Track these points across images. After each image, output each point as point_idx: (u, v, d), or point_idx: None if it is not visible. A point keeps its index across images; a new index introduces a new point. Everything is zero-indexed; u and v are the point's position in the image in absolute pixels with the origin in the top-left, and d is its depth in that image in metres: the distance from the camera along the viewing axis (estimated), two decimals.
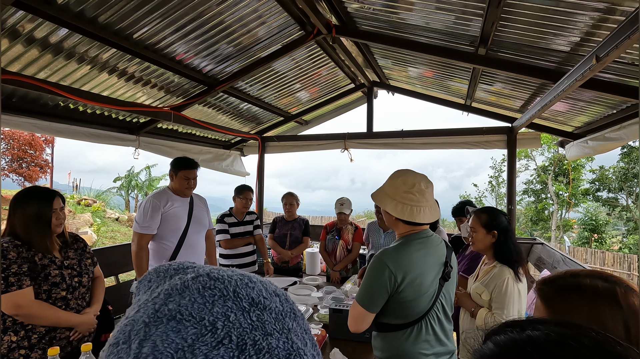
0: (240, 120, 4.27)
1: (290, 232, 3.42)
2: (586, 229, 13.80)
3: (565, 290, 0.72)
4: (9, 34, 1.89)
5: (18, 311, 1.46)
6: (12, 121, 2.47)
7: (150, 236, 2.36)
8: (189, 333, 0.26)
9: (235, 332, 0.27)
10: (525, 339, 0.35)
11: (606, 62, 1.63)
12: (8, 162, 11.71)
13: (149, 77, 2.74)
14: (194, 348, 0.25)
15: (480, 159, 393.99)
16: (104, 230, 10.48)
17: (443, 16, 2.19)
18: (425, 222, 1.38)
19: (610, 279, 0.70)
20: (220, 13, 2.24)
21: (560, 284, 0.74)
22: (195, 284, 0.30)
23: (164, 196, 2.43)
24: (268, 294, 0.31)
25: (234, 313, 0.28)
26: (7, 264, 1.45)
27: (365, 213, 18.09)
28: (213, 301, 0.28)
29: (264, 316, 0.29)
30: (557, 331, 0.35)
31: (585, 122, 3.27)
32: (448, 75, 3.31)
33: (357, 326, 1.37)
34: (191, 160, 2.50)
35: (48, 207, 1.60)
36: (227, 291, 0.29)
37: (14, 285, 1.44)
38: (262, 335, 0.27)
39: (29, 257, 1.53)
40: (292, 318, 0.31)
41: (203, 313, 0.27)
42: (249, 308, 0.29)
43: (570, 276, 0.74)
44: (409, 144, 4.20)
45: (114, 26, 2.10)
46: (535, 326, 0.36)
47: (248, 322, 0.28)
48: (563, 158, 13.89)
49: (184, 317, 0.27)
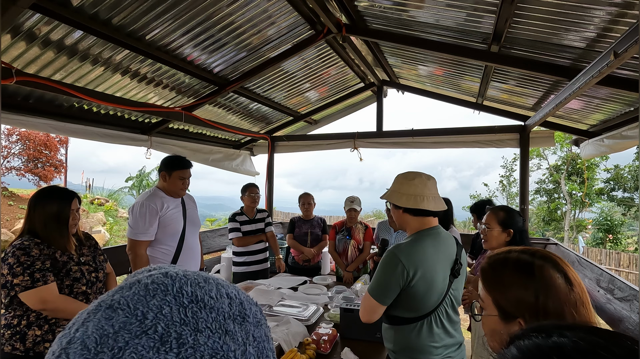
0: (250, 120, 4.29)
1: (311, 231, 3.44)
2: (601, 229, 13.49)
3: (496, 263, 0.81)
4: (25, 37, 1.93)
5: (45, 306, 1.50)
6: (28, 122, 2.53)
7: (148, 242, 2.22)
8: (119, 320, 0.27)
9: (163, 324, 0.27)
10: (551, 346, 0.33)
11: (625, 59, 1.59)
12: (24, 162, 11.97)
13: (160, 78, 2.77)
14: (117, 334, 0.26)
15: (490, 159, 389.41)
16: (116, 229, 10.67)
17: (454, 13, 2.16)
18: (430, 209, 1.44)
19: (535, 254, 0.78)
20: (230, 14, 2.26)
21: (494, 258, 0.82)
22: (147, 279, 0.31)
23: (157, 198, 2.27)
24: (218, 295, 0.31)
25: (169, 306, 0.29)
26: (31, 261, 1.49)
27: (374, 213, 18.02)
28: (154, 294, 0.29)
29: (201, 314, 0.29)
30: (587, 339, 0.32)
31: (600, 120, 3.20)
32: (459, 73, 3.27)
33: (368, 316, 1.42)
34: (184, 159, 2.39)
35: (67, 207, 1.64)
36: (172, 287, 0.30)
37: (40, 281, 1.48)
38: (190, 331, 0.27)
39: (50, 254, 1.57)
40: (238, 321, 0.31)
41: (139, 304, 0.28)
42: (187, 304, 0.29)
43: (505, 252, 0.83)
44: (419, 143, 4.17)
45: (127, 28, 2.13)
46: (562, 332, 0.34)
47: (180, 317, 0.28)
48: (576, 157, 13.60)
49: (120, 306, 0.28)
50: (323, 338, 1.78)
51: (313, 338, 1.80)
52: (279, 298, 2.41)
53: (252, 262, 3.19)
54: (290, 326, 1.90)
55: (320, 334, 1.82)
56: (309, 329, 1.99)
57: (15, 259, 1.47)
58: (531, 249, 0.81)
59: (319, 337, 1.79)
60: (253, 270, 3.18)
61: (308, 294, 2.60)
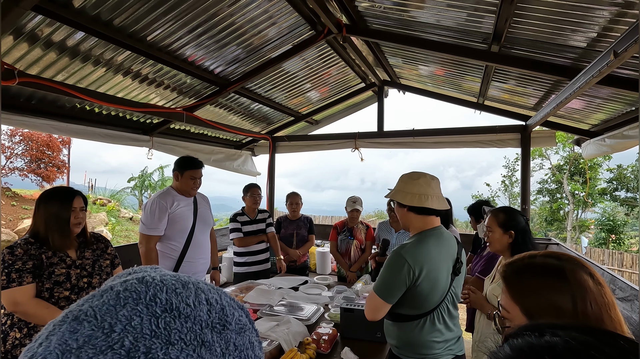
0: (251, 120, 4.30)
1: (297, 232, 3.44)
2: (603, 229, 13.43)
3: (521, 269, 0.77)
4: (28, 38, 1.95)
5: (16, 308, 1.46)
6: (31, 123, 2.54)
7: (158, 237, 2.33)
8: (84, 334, 0.25)
9: (131, 337, 0.25)
10: (542, 345, 0.32)
11: (625, 58, 1.59)
12: (27, 162, 12.05)
13: (162, 79, 2.79)
14: (81, 350, 0.24)
15: (493, 159, 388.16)
16: (118, 229, 10.71)
17: (455, 13, 2.16)
18: (434, 208, 1.48)
19: (562, 258, 0.74)
20: (231, 14, 2.27)
21: (518, 264, 0.78)
22: (120, 286, 0.29)
23: (169, 196, 2.39)
24: (196, 302, 0.29)
25: (140, 317, 0.26)
26: (12, 261, 1.46)
27: (375, 213, 18.00)
28: (125, 303, 0.27)
29: (175, 324, 0.27)
30: (579, 339, 0.32)
31: (602, 120, 3.19)
32: (460, 73, 3.27)
33: (373, 315, 1.46)
34: (196, 159, 2.48)
35: (67, 206, 1.62)
36: (145, 295, 0.28)
37: (15, 281, 1.44)
38: (161, 344, 0.25)
39: (37, 255, 1.52)
40: (217, 330, 0.29)
41: (107, 315, 0.26)
42: (160, 313, 0.27)
43: (528, 257, 0.78)
44: (420, 143, 4.16)
45: (128, 29, 2.14)
46: (555, 331, 0.34)
47: (151, 329, 0.26)
48: (579, 157, 13.56)
49: (86, 318, 0.26)
50: (323, 338, 1.79)
51: (313, 338, 1.80)
52: (279, 297, 2.42)
53: (253, 263, 3.20)
54: (291, 325, 1.90)
55: (320, 333, 1.82)
56: (309, 328, 2.00)
57: (2, 258, 1.45)
58: (554, 253, 0.77)
59: (319, 337, 1.80)
60: (254, 270, 3.18)
61: (309, 294, 2.60)
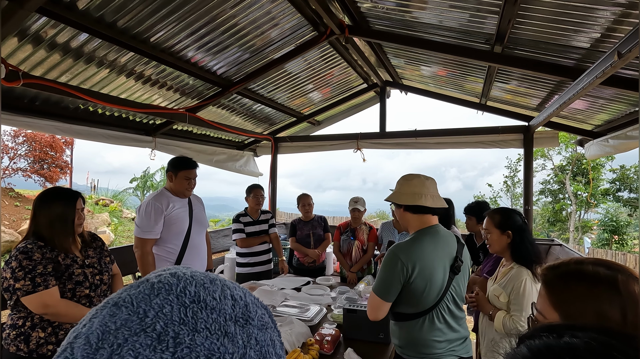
0: (254, 121, 4.30)
1: (313, 232, 3.43)
2: (606, 230, 13.36)
3: (567, 275, 0.72)
4: (32, 40, 1.96)
5: (46, 310, 1.51)
6: (35, 124, 2.56)
7: (154, 240, 2.28)
8: (122, 317, 0.28)
9: (162, 323, 0.28)
10: (562, 346, 0.31)
11: (629, 59, 1.58)
12: (30, 163, 12.09)
13: (164, 80, 2.80)
14: (118, 331, 0.27)
15: (495, 159, 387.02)
16: (121, 229, 10.73)
17: (457, 14, 2.16)
18: (428, 206, 1.52)
19: (613, 267, 0.70)
20: (233, 16, 2.27)
21: (563, 269, 0.74)
22: (155, 278, 0.32)
23: (163, 198, 2.33)
24: (221, 296, 0.31)
25: (171, 306, 0.29)
26: (32, 265, 1.49)
27: (377, 213, 17.97)
28: (158, 293, 0.30)
29: (201, 314, 0.29)
30: (600, 340, 0.31)
31: (605, 121, 3.18)
32: (462, 73, 3.26)
33: (374, 314, 1.49)
34: (191, 159, 2.45)
35: (72, 207, 1.63)
36: (176, 287, 0.30)
37: (41, 285, 1.48)
38: (188, 330, 0.28)
39: (53, 258, 1.57)
40: (240, 324, 0.30)
41: (142, 302, 0.29)
42: (189, 304, 0.29)
43: (574, 263, 0.74)
44: (422, 144, 4.16)
45: (131, 30, 2.15)
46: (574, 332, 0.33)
47: (180, 316, 0.28)
48: (581, 157, 13.50)
49: (124, 304, 0.29)
50: (326, 339, 1.79)
51: (316, 338, 1.80)
52: (282, 298, 2.42)
53: (256, 263, 3.20)
54: (294, 326, 1.90)
55: (323, 334, 1.82)
56: (312, 329, 2.00)
57: (18, 263, 1.47)
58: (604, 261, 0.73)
59: (322, 337, 1.80)
60: (256, 271, 3.19)
61: (311, 295, 2.60)
